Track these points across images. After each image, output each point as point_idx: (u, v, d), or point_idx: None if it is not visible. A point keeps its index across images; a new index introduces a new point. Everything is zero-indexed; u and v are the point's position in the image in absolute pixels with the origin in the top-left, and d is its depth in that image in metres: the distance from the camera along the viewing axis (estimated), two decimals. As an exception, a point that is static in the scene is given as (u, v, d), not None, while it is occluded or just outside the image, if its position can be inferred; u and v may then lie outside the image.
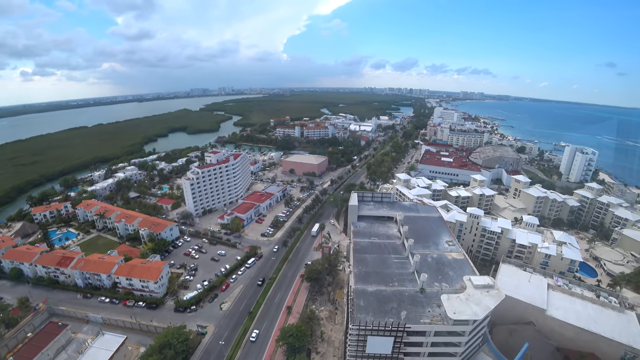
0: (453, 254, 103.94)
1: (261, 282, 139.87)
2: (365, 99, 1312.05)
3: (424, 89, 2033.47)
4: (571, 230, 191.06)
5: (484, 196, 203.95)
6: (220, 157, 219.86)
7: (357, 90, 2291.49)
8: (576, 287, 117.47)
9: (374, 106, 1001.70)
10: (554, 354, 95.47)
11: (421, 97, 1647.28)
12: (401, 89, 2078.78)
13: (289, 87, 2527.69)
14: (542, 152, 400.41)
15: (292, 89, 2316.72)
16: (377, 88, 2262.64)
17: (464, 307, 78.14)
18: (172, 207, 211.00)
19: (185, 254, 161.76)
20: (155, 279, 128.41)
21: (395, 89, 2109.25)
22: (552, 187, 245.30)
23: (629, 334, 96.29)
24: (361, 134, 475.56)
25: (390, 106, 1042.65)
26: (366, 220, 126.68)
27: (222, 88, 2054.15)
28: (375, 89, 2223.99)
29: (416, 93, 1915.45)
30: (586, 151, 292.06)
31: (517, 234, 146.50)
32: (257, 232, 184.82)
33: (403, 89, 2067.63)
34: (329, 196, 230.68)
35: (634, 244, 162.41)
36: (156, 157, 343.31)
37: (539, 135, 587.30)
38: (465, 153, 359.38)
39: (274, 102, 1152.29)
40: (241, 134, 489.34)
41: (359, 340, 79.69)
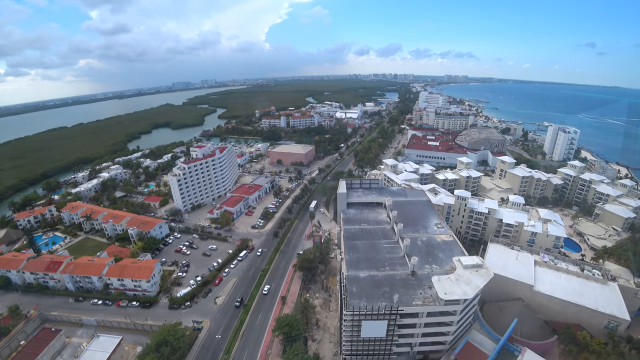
0: (442, 236, 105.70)
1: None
2: (350, 86, 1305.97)
3: (409, 74, 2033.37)
4: (556, 208, 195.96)
5: (470, 178, 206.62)
6: (206, 151, 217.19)
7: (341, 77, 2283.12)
8: (561, 262, 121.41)
9: (359, 93, 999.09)
10: (542, 327, 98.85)
11: (406, 82, 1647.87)
12: (386, 75, 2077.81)
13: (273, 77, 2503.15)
14: (526, 132, 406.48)
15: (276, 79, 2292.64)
16: (361, 75, 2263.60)
17: (455, 288, 79.87)
18: (160, 204, 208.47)
19: (176, 250, 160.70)
20: (147, 277, 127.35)
21: (380, 75, 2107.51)
22: (537, 166, 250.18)
23: (612, 304, 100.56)
24: (347, 121, 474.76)
25: (375, 92, 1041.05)
26: (355, 207, 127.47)
27: (204, 81, 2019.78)
28: (360, 76, 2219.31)
29: (401, 78, 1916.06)
30: (568, 130, 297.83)
31: (504, 213, 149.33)
32: (247, 224, 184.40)
33: (388, 75, 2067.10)
34: (318, 185, 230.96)
35: (615, 219, 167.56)
36: (141, 154, 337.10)
37: (523, 116, 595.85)
38: (451, 136, 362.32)
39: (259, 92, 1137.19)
40: (226, 127, 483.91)
41: (353, 326, 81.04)
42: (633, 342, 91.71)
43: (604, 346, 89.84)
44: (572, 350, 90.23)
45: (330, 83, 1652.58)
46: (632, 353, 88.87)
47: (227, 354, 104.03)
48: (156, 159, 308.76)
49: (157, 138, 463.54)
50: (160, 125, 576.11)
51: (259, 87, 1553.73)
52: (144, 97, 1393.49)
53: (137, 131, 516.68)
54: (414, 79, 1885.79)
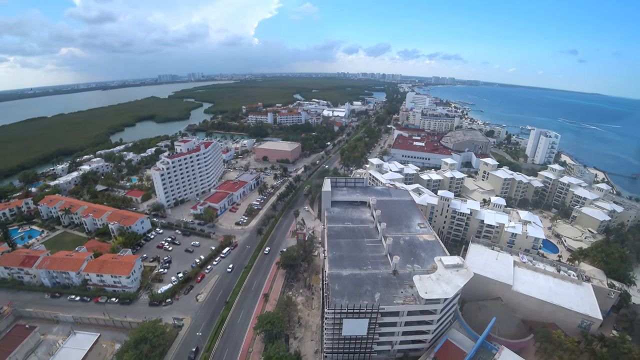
0: (424, 236, 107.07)
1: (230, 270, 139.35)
2: (339, 84, 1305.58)
3: (397, 74, 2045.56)
4: (535, 210, 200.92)
5: (454, 179, 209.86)
6: (191, 146, 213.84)
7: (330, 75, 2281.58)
8: (539, 263, 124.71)
9: (347, 91, 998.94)
10: (519, 325, 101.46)
11: (394, 82, 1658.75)
12: (374, 74, 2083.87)
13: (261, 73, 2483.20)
14: (509, 135, 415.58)
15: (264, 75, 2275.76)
16: (350, 73, 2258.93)
17: (435, 287, 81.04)
18: (143, 199, 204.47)
19: (158, 246, 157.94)
20: (127, 273, 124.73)
21: (368, 74, 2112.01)
22: (519, 169, 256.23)
23: (585, 303, 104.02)
24: (334, 119, 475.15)
25: (363, 91, 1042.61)
26: (340, 206, 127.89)
27: (191, 74, 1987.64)
28: (348, 74, 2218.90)
29: (389, 78, 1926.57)
30: (549, 134, 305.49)
31: (486, 214, 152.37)
32: (231, 221, 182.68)
33: (376, 74, 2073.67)
34: (303, 183, 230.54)
35: (591, 221, 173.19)
36: (124, 147, 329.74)
37: (507, 119, 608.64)
38: (436, 137, 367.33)
39: (246, 88, 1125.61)
40: (212, 122, 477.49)
41: (335, 324, 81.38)
42: (605, 340, 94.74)
43: (577, 344, 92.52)
44: (547, 349, 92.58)
45: (318, 80, 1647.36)
46: (604, 351, 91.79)
47: (208, 352, 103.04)
48: (139, 153, 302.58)
49: (141, 131, 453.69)
50: (145, 118, 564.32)
51: (246, 82, 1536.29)
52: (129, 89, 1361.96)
53: (121, 123, 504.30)
54: (401, 79, 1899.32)
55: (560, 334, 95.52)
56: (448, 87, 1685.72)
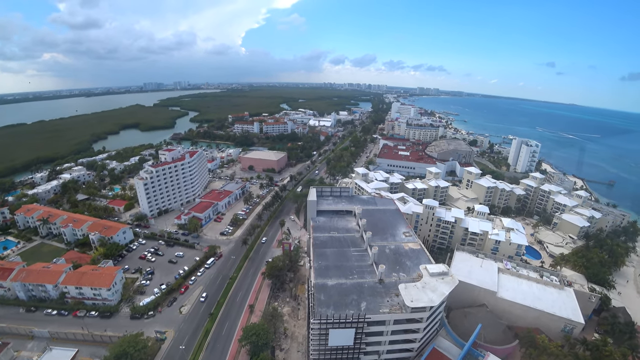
0: (410, 245, 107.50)
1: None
2: (325, 94, 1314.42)
3: (382, 85, 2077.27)
4: (518, 217, 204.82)
5: (439, 188, 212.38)
6: (176, 155, 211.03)
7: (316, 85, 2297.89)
8: (523, 269, 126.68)
9: (334, 101, 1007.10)
10: (504, 331, 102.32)
11: (379, 92, 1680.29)
12: (360, 85, 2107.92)
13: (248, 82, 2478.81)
14: (492, 144, 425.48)
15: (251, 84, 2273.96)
16: (336, 83, 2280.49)
17: (421, 295, 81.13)
18: (125, 208, 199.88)
19: (140, 257, 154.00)
20: (108, 285, 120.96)
21: (355, 85, 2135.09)
22: (501, 177, 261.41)
23: (568, 308, 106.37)
24: (320, 129, 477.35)
25: (349, 101, 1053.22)
26: (325, 215, 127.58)
27: (177, 82, 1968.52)
28: (334, 85, 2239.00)
29: (375, 88, 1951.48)
30: (530, 144, 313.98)
31: (470, 222, 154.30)
32: (216, 231, 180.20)
33: (362, 85, 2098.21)
34: (289, 192, 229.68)
35: (571, 227, 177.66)
36: (106, 156, 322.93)
37: (490, 129, 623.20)
38: (421, 147, 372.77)
39: (232, 97, 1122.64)
40: (198, 131, 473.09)
41: (321, 334, 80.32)
42: (587, 344, 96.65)
43: (560, 349, 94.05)
44: (532, 354, 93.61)
45: (305, 90, 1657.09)
46: (586, 354, 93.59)
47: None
48: (123, 161, 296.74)
49: (125, 139, 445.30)
50: (129, 126, 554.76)
51: (233, 91, 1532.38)
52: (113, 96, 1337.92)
53: (104, 131, 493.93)
54: (387, 89, 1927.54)
55: (545, 338, 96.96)
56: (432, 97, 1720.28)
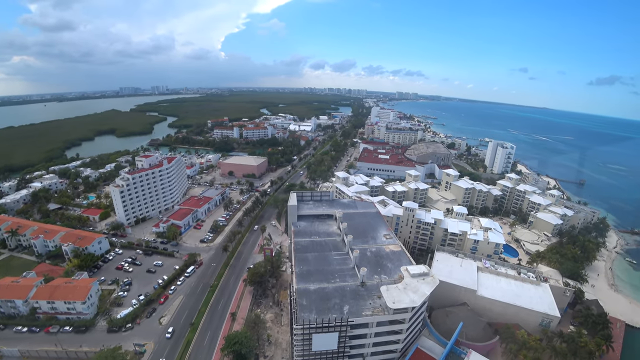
0: (391, 247, 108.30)
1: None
2: (305, 99, 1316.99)
3: (362, 89, 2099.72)
4: (495, 217, 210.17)
5: (418, 190, 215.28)
6: (153, 161, 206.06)
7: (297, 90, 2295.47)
8: (501, 267, 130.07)
9: (314, 106, 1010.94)
10: (485, 328, 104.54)
11: (359, 97, 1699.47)
12: (340, 89, 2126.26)
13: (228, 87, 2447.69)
14: (469, 147, 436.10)
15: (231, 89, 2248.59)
16: (316, 88, 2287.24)
17: (403, 296, 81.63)
18: (101, 217, 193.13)
19: (117, 267, 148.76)
20: (82, 298, 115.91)
21: (335, 89, 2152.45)
22: (479, 178, 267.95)
23: (544, 303, 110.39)
24: (301, 133, 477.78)
25: (329, 106, 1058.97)
26: (306, 220, 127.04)
27: (155, 87, 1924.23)
28: (315, 89, 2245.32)
29: (354, 93, 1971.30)
30: (506, 146, 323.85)
31: (449, 223, 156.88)
32: (195, 238, 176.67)
33: (342, 89, 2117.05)
34: (270, 197, 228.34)
35: (546, 225, 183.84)
36: (80, 163, 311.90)
37: (467, 132, 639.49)
38: (400, 150, 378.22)
39: (212, 102, 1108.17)
40: (176, 136, 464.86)
41: (304, 339, 79.44)
42: (563, 336, 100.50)
43: (539, 342, 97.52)
44: (512, 349, 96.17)
45: (285, 95, 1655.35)
46: (563, 346, 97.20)
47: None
48: (98, 169, 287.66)
49: (100, 146, 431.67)
50: (105, 132, 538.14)
51: (212, 96, 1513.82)
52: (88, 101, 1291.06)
53: (78, 137, 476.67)
54: (367, 94, 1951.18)
55: (524, 333, 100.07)
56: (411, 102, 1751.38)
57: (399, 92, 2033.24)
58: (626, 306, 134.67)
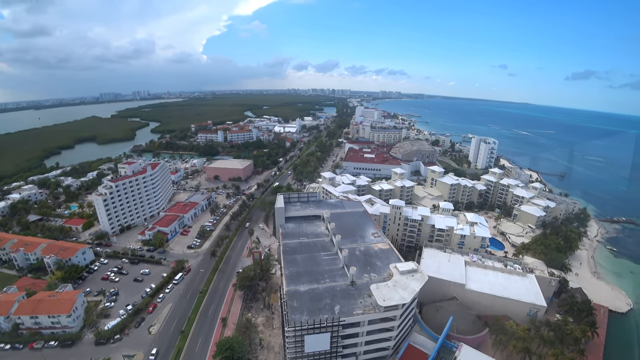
0: (379, 245, 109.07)
1: None
2: (289, 100, 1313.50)
3: (346, 89, 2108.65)
4: (481, 211, 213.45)
5: (404, 188, 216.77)
6: (137, 168, 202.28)
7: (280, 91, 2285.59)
8: (488, 261, 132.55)
9: (298, 107, 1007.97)
10: (475, 321, 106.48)
11: (343, 97, 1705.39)
12: (324, 90, 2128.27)
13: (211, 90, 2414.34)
14: (453, 143, 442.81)
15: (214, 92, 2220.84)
16: (300, 89, 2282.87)
17: (393, 293, 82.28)
18: (84, 227, 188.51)
19: (103, 278, 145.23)
20: (67, 311, 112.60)
21: (318, 90, 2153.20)
22: (463, 174, 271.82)
23: (531, 293, 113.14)
24: (286, 135, 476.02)
25: (314, 107, 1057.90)
26: (294, 221, 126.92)
27: (136, 92, 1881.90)
28: (298, 90, 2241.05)
29: (338, 93, 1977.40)
30: (488, 141, 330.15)
31: (436, 219, 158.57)
32: (183, 244, 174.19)
33: (326, 90, 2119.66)
34: (257, 200, 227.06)
35: (530, 218, 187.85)
36: (61, 172, 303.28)
37: (450, 129, 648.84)
38: (386, 149, 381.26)
39: (195, 106, 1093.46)
40: (160, 142, 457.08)
41: (296, 341, 79.22)
42: (550, 325, 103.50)
43: (527, 332, 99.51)
44: (502, 340, 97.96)
45: (269, 97, 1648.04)
46: (551, 335, 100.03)
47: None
48: (79, 177, 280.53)
49: (81, 154, 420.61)
50: (85, 140, 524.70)
51: (195, 100, 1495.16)
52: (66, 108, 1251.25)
53: (57, 146, 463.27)
54: (351, 94, 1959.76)
55: (512, 324, 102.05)
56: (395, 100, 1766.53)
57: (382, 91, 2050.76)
58: (608, 292, 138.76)
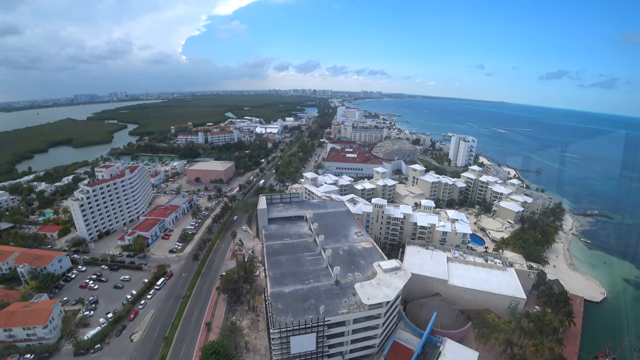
0: (362, 244, 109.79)
1: None
2: (271, 101, 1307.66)
3: (327, 90, 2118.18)
4: (461, 208, 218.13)
5: (386, 186, 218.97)
6: (115, 172, 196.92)
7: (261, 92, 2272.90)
8: (469, 256, 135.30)
9: (280, 108, 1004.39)
10: (458, 316, 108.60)
11: (325, 97, 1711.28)
12: (305, 90, 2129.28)
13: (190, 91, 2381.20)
14: (433, 142, 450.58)
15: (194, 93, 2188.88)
16: (281, 90, 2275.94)
17: (377, 292, 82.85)
18: (60, 234, 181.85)
19: (81, 286, 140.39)
20: (43, 322, 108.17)
21: (300, 90, 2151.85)
22: (444, 172, 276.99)
23: (511, 287, 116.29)
24: (267, 136, 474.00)
25: (295, 107, 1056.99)
26: (277, 222, 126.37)
27: (113, 93, 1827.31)
28: (280, 91, 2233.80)
29: (320, 94, 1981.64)
30: (468, 139, 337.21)
31: (418, 217, 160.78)
32: (164, 249, 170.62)
33: (307, 90, 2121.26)
34: (239, 202, 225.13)
35: (508, 213, 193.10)
36: (33, 177, 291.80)
37: (431, 127, 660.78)
38: (367, 148, 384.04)
39: (174, 107, 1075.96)
40: (138, 144, 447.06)
41: (282, 343, 78.81)
42: (530, 316, 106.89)
43: (508, 324, 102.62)
44: (485, 333, 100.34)
45: (250, 98, 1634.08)
46: (530, 326, 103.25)
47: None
48: (54, 182, 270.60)
49: (55, 158, 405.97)
50: (60, 143, 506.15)
51: (175, 101, 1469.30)
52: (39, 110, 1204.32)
53: (29, 149, 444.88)
54: (332, 94, 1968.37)
55: (494, 317, 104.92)
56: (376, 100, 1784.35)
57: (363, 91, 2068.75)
58: (583, 283, 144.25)
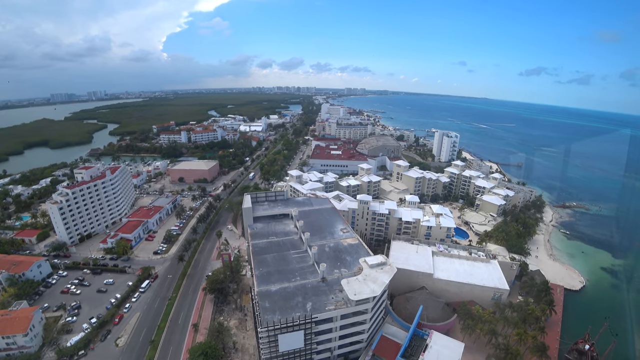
0: (348, 240, 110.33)
1: None
2: (254, 99, 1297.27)
3: (311, 87, 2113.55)
4: (445, 203, 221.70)
5: (371, 183, 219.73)
6: (95, 173, 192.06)
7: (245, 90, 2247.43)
8: (454, 250, 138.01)
9: (264, 105, 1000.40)
10: (444, 309, 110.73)
11: (309, 94, 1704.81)
12: (289, 88, 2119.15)
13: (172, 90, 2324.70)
14: (417, 138, 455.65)
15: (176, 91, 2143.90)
16: (265, 87, 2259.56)
17: (363, 287, 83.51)
18: (38, 238, 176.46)
19: (62, 291, 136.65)
20: (24, 331, 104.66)
21: (284, 88, 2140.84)
22: (428, 167, 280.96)
23: (494, 278, 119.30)
24: (252, 134, 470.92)
25: (279, 105, 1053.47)
26: (262, 221, 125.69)
27: (92, 92, 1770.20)
28: (263, 89, 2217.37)
29: (304, 91, 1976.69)
30: (451, 135, 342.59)
31: (403, 212, 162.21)
32: (148, 251, 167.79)
33: (291, 88, 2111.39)
34: (224, 201, 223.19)
35: (491, 207, 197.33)
36: (9, 180, 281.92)
37: (414, 124, 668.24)
38: (352, 145, 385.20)
39: (156, 106, 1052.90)
40: (119, 144, 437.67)
41: (270, 341, 78.75)
42: (513, 306, 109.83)
43: (492, 315, 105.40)
44: (470, 324, 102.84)
45: (233, 96, 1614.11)
46: (514, 316, 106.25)
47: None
48: (30, 185, 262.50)
49: (32, 160, 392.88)
50: (36, 144, 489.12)
51: (156, 100, 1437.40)
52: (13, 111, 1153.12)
53: (3, 152, 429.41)
54: (316, 91, 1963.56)
55: (479, 308, 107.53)
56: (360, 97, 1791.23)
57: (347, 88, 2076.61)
58: (563, 272, 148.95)
